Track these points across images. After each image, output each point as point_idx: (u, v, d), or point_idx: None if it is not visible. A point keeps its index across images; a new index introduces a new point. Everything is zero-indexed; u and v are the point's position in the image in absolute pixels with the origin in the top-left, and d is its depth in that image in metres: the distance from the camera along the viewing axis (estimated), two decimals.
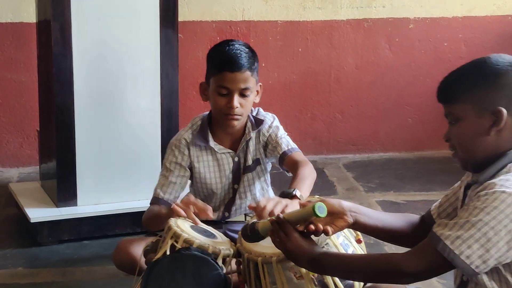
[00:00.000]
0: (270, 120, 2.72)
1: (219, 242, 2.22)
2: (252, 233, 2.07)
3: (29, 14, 3.86)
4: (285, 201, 2.24)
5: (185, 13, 4.07)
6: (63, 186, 3.08)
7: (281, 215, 1.97)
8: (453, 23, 4.49)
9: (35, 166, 3.83)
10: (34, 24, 3.42)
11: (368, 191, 3.83)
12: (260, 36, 4.28)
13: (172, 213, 2.34)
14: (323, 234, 2.13)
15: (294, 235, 1.92)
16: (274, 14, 4.27)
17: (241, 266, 2.24)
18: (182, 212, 2.31)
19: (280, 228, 1.94)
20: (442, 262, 1.67)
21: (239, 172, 2.68)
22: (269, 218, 2.05)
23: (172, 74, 3.20)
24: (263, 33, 4.28)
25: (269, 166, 2.77)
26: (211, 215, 2.33)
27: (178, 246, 2.12)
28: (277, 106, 4.30)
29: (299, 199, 2.31)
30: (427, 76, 4.47)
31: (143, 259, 2.29)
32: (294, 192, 2.31)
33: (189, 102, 4.17)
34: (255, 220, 2.14)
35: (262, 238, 2.06)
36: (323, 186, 3.75)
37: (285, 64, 4.34)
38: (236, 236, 2.36)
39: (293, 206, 2.26)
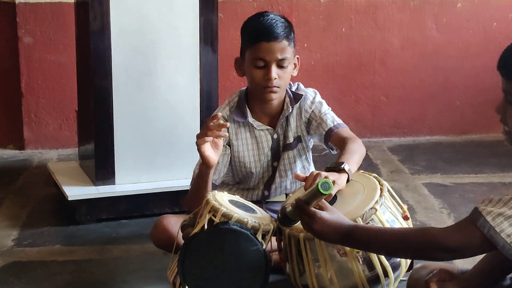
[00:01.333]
0: (312, 95, 2.62)
1: (259, 217, 2.14)
2: (283, 218, 2.04)
3: None
4: (332, 176, 2.15)
5: None
6: (101, 165, 3.04)
7: (299, 199, 1.91)
8: (502, 2, 4.34)
9: (74, 148, 3.80)
10: (72, 4, 3.38)
11: (414, 173, 3.71)
12: (302, 15, 4.17)
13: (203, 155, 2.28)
14: (369, 209, 2.04)
15: (318, 215, 1.85)
16: None
17: (282, 244, 2.16)
18: (208, 138, 2.26)
19: (301, 211, 1.87)
20: (481, 240, 1.58)
21: (279, 150, 2.59)
22: (291, 203, 1.99)
23: (212, 53, 3.14)
24: (305, 12, 4.17)
25: (311, 144, 2.67)
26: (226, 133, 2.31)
27: (216, 220, 2.06)
28: (319, 88, 4.10)
29: (348, 173, 2.21)
30: (476, 57, 4.32)
31: (180, 234, 2.22)
32: (342, 166, 2.20)
33: (229, 83, 4.09)
34: (286, 204, 2.07)
35: (294, 221, 2.02)
36: (366, 168, 3.63)
37: (328, 44, 4.23)
38: (275, 216, 2.27)
39: (341, 181, 2.17)
